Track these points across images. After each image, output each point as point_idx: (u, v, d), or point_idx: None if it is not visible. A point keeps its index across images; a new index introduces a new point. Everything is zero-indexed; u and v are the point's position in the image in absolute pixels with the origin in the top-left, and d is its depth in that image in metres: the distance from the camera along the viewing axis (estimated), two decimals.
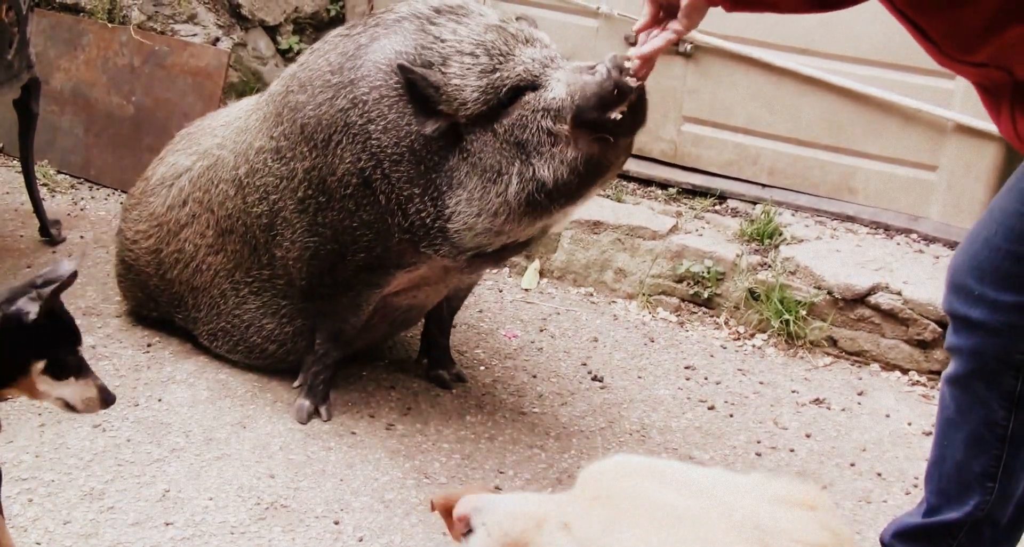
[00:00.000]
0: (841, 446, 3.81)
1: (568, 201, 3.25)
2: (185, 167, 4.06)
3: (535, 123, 3.13)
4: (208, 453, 3.54)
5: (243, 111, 4.00)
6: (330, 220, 3.51)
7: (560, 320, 4.57)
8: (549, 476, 3.54)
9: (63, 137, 5.57)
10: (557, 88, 3.11)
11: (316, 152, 3.47)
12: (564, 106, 3.08)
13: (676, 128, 5.11)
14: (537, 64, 3.18)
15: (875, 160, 4.75)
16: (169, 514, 3.25)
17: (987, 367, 2.54)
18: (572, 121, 3.07)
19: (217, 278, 3.95)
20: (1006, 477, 2.60)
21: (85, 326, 4.21)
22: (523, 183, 3.17)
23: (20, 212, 5.11)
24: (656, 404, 4.00)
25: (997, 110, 2.34)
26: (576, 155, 3.11)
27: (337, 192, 3.46)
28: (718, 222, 4.82)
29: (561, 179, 3.14)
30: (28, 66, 4.53)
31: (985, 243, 2.50)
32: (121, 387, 3.86)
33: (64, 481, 3.36)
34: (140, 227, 4.16)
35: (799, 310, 4.38)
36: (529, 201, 3.19)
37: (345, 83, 3.41)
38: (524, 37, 3.26)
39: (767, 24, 4.72)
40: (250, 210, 3.74)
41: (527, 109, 3.15)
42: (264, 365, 4.01)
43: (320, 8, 5.94)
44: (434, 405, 3.92)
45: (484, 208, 3.26)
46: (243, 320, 3.93)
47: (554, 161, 3.12)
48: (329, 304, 3.72)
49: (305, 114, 3.49)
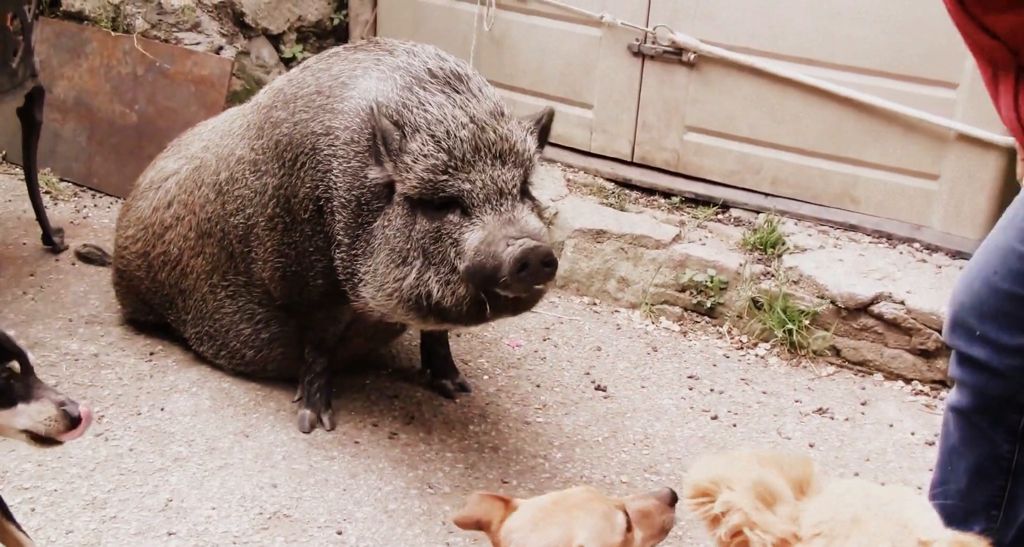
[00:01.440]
0: (845, 456, 3.80)
1: (446, 323, 3.30)
2: (172, 170, 4.09)
3: (445, 245, 3.14)
4: (211, 462, 3.54)
5: (229, 116, 4.03)
6: (293, 241, 3.53)
7: (563, 329, 4.57)
8: (553, 486, 3.54)
9: (66, 145, 5.57)
10: (474, 235, 3.10)
11: (284, 171, 3.48)
12: (465, 254, 3.09)
13: (679, 137, 5.11)
14: (482, 194, 3.13)
15: (877, 169, 4.75)
16: (172, 524, 3.25)
17: (991, 405, 2.53)
18: (466, 270, 3.10)
19: (199, 281, 3.97)
20: (1010, 506, 2.60)
21: (88, 335, 4.23)
22: (419, 282, 3.18)
23: (23, 220, 5.11)
24: (659, 414, 3.99)
25: (997, 91, 2.33)
26: (465, 295, 3.13)
27: (299, 214, 3.48)
28: (721, 231, 4.82)
29: (446, 304, 3.16)
30: (32, 74, 4.54)
31: (986, 283, 2.48)
32: (123, 396, 3.86)
33: (66, 490, 3.36)
34: (129, 232, 4.19)
35: (802, 319, 4.37)
36: (416, 302, 3.21)
37: (326, 108, 3.40)
38: (499, 149, 3.19)
39: (770, 34, 4.73)
40: (228, 218, 3.76)
41: (445, 228, 3.15)
42: (247, 372, 4.02)
43: (324, 17, 5.95)
44: (437, 414, 3.92)
45: (382, 286, 3.28)
46: (222, 324, 3.95)
47: (446, 287, 3.15)
48: (306, 317, 3.75)
49: (281, 131, 3.49)
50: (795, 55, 4.72)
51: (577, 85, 5.24)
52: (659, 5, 4.96)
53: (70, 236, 4.98)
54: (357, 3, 5.90)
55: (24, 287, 4.54)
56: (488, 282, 3.06)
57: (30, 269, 4.69)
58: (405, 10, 5.72)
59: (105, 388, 3.90)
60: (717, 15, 4.83)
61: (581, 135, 5.33)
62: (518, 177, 3.21)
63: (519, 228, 3.09)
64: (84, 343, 4.17)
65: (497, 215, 3.12)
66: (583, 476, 3.61)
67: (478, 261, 3.06)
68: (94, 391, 3.87)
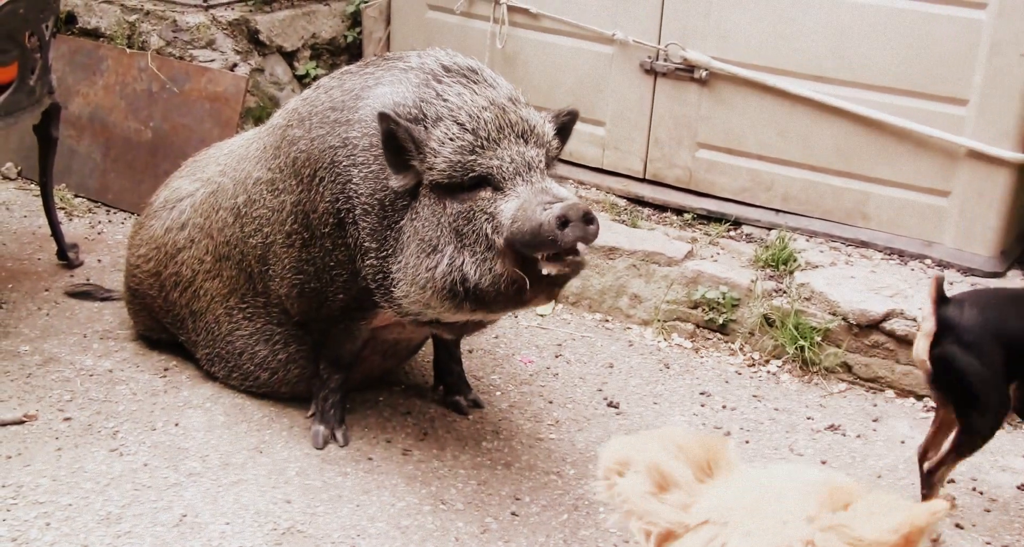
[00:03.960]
0: (856, 473, 3.80)
1: (483, 308, 3.30)
2: (188, 192, 4.10)
3: (479, 222, 3.18)
4: (225, 478, 3.55)
5: (246, 140, 4.04)
6: (312, 257, 3.55)
7: (575, 346, 4.58)
8: (565, 502, 3.55)
9: (81, 161, 5.60)
10: (510, 204, 3.14)
11: (302, 187, 3.51)
12: (503, 225, 3.13)
13: (691, 154, 5.12)
14: (511, 168, 3.19)
15: (888, 186, 4.76)
16: (186, 539, 3.26)
17: None
18: (506, 240, 3.12)
19: (213, 303, 3.98)
20: None
21: (102, 350, 4.25)
22: (451, 268, 3.21)
23: (38, 235, 5.14)
24: None
25: None
26: (502, 272, 3.16)
27: (318, 229, 3.50)
28: (733, 248, 4.83)
29: (482, 284, 3.18)
30: (49, 91, 4.58)
31: None
32: (138, 411, 3.88)
33: (81, 505, 3.38)
34: (141, 251, 4.20)
35: (814, 336, 4.38)
36: (451, 289, 3.23)
37: (341, 121, 3.44)
38: (521, 129, 3.25)
39: (781, 51, 4.75)
40: (247, 240, 3.77)
41: (479, 205, 3.19)
42: (260, 393, 4.03)
43: (337, 34, 5.98)
44: (450, 430, 3.93)
45: (415, 279, 3.31)
46: (236, 346, 3.96)
47: (482, 266, 3.18)
48: (323, 334, 3.76)
49: (299, 148, 3.52)
50: (806, 72, 4.74)
51: (589, 102, 5.26)
52: (671, 23, 4.98)
53: (85, 252, 5.01)
54: (370, 21, 5.94)
55: (39, 302, 4.57)
56: (530, 247, 3.08)
57: (45, 284, 4.72)
58: (418, 27, 5.75)
59: (120, 403, 3.92)
60: (729, 33, 4.86)
61: (593, 152, 5.35)
62: (541, 155, 3.27)
63: (553, 194, 3.14)
64: (99, 359, 4.19)
65: (529, 185, 3.17)
66: (596, 493, 3.60)
67: (516, 227, 3.09)
68: (108, 406, 3.89)
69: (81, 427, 3.76)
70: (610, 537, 3.39)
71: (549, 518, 3.48)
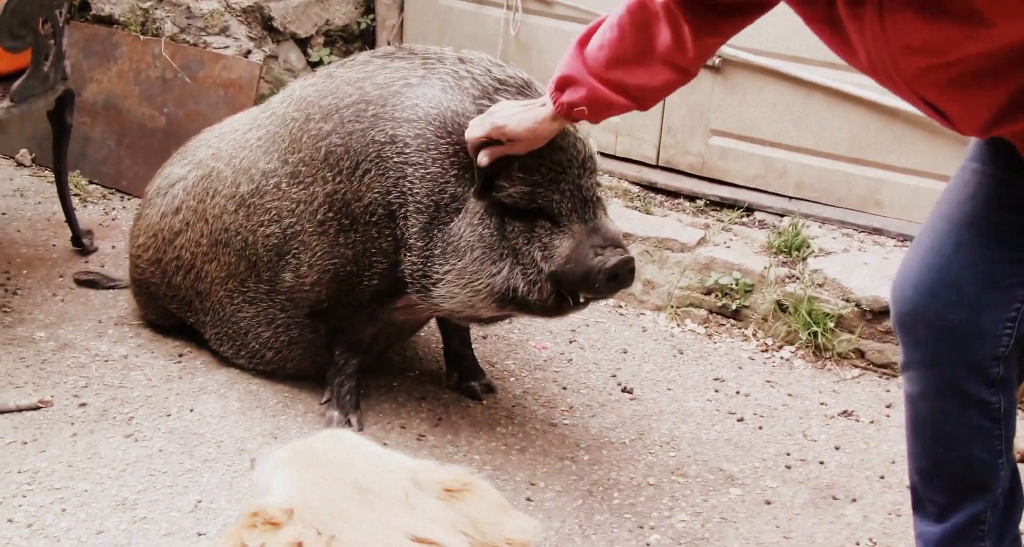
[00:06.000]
0: (870, 459, 3.81)
1: (523, 313, 3.52)
2: (179, 176, 4.09)
3: (534, 248, 3.31)
4: (240, 464, 3.57)
5: (240, 124, 4.00)
6: (351, 241, 3.54)
7: (589, 332, 4.58)
8: (580, 488, 3.56)
9: (95, 148, 5.62)
10: (564, 243, 3.28)
11: (340, 178, 3.50)
12: (554, 260, 3.28)
13: (704, 141, 5.12)
14: (569, 205, 3.29)
15: (902, 173, 4.75)
16: (202, 525, 3.28)
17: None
18: (553, 274, 3.29)
19: (214, 286, 3.99)
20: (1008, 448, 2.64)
21: (117, 336, 4.27)
22: (510, 278, 3.34)
23: (52, 222, 5.16)
24: (686, 416, 4.00)
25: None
26: (551, 291, 3.33)
27: (361, 218, 3.50)
28: (746, 234, 4.83)
29: (528, 298, 3.35)
30: (63, 78, 4.58)
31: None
32: (153, 397, 3.90)
33: (96, 491, 3.39)
34: (140, 240, 4.20)
35: (827, 322, 4.38)
36: (503, 296, 3.37)
37: (384, 117, 3.43)
38: (582, 158, 3.31)
39: (795, 38, 4.73)
40: (256, 230, 3.75)
41: (536, 231, 3.31)
42: (267, 371, 4.05)
43: (351, 21, 5.98)
44: (465, 416, 3.94)
45: (471, 283, 3.39)
46: (241, 327, 3.97)
47: (530, 284, 3.33)
48: (344, 319, 3.76)
49: (331, 142, 3.50)
50: (820, 59, 4.72)
51: None
52: None
53: (99, 238, 5.03)
54: (384, 8, 5.93)
55: (54, 288, 4.58)
56: (576, 286, 3.29)
57: (60, 270, 4.73)
58: (432, 15, 5.75)
59: (135, 389, 3.94)
60: None
61: (606, 139, 5.34)
62: (595, 182, 3.36)
63: (602, 235, 3.27)
64: (113, 345, 4.21)
65: (583, 224, 3.28)
66: (610, 478, 3.62)
67: (568, 268, 3.25)
68: (124, 392, 3.91)
69: (96, 413, 3.78)
70: (625, 522, 3.40)
71: (564, 503, 3.49)
